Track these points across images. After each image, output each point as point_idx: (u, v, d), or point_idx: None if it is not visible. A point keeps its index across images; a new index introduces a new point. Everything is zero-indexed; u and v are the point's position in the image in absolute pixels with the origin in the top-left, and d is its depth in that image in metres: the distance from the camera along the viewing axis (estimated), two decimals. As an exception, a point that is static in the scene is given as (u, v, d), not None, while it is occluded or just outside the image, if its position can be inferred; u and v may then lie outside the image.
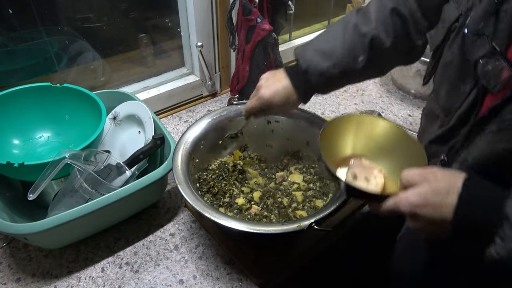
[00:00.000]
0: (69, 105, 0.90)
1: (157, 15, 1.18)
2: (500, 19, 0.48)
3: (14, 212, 0.76)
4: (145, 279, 0.74)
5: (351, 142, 0.70)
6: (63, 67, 1.05)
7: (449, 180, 0.47)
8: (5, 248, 0.79)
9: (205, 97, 1.29)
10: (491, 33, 0.49)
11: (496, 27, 0.48)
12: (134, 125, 0.94)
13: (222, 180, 0.85)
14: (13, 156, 0.86)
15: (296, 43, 1.48)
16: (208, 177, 0.85)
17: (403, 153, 0.65)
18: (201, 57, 1.17)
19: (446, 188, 0.46)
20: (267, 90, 0.72)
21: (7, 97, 0.85)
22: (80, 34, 1.04)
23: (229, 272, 0.76)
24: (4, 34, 0.93)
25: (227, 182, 0.84)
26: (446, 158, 0.58)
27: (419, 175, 0.49)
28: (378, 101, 1.31)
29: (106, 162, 0.78)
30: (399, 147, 0.66)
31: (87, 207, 0.68)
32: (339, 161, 0.69)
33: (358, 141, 0.70)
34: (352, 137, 0.70)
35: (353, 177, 0.65)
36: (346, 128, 0.69)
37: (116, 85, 1.16)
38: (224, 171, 0.86)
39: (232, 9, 1.08)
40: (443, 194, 0.46)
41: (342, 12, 1.62)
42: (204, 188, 0.82)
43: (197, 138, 0.83)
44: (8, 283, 0.73)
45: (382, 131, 0.68)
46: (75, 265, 0.77)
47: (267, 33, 1.05)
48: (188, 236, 0.83)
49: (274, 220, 0.77)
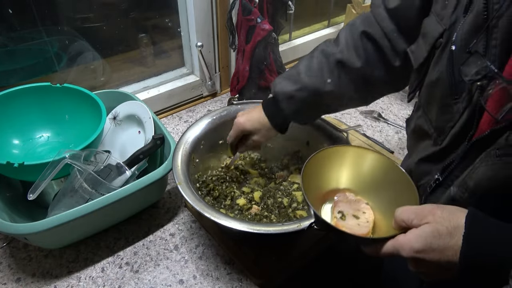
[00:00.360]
0: (69, 105, 0.90)
1: (157, 15, 1.18)
2: (491, 36, 0.45)
3: (14, 212, 0.76)
4: (145, 279, 0.74)
5: (335, 175, 0.66)
6: (63, 67, 1.05)
7: (450, 218, 0.45)
8: (5, 248, 0.79)
9: (205, 97, 1.29)
10: (482, 50, 0.46)
11: (487, 44, 0.46)
12: (134, 125, 0.94)
13: (223, 182, 0.85)
14: (13, 156, 0.86)
15: (296, 43, 1.48)
16: (208, 179, 0.85)
17: (392, 187, 0.61)
18: (201, 57, 1.17)
19: (449, 228, 0.44)
20: (241, 118, 0.77)
21: (7, 97, 0.85)
22: (80, 34, 1.04)
23: (229, 272, 0.76)
24: (4, 34, 0.93)
25: (228, 185, 0.84)
26: (440, 177, 0.56)
27: (416, 214, 0.47)
28: (378, 101, 1.31)
29: (106, 162, 0.78)
30: (387, 179, 0.62)
31: (87, 207, 0.68)
32: (323, 195, 0.65)
33: (343, 174, 0.66)
34: (337, 170, 0.66)
35: (341, 216, 0.61)
36: (330, 161, 0.65)
37: (116, 85, 1.16)
38: (224, 176, 0.86)
39: (232, 9, 1.08)
40: (446, 236, 0.44)
41: (342, 12, 1.62)
42: (204, 191, 0.82)
43: (197, 138, 0.83)
44: (8, 283, 0.73)
45: (369, 163, 0.65)
46: (75, 265, 0.77)
47: (267, 33, 1.05)
48: (188, 236, 0.83)
49: (275, 220, 0.77)
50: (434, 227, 0.44)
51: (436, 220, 0.45)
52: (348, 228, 0.58)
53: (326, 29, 1.61)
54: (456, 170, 0.53)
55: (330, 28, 1.61)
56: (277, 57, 1.15)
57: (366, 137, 1.11)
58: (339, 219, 0.61)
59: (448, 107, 0.53)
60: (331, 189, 0.66)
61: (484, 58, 0.45)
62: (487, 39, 0.46)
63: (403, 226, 0.48)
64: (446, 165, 0.55)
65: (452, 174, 0.54)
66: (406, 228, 0.48)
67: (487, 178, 0.46)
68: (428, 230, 0.45)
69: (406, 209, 0.49)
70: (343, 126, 1.15)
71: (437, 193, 0.57)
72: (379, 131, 1.17)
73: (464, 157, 0.52)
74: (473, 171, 0.48)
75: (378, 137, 1.15)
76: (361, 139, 1.10)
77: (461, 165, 0.52)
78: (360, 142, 1.08)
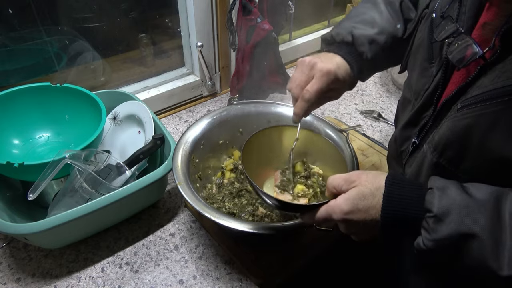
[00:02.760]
0: (69, 105, 0.90)
1: (157, 15, 1.18)
2: (463, 3, 0.52)
3: (14, 212, 0.76)
4: (145, 279, 0.74)
5: (274, 154, 0.71)
6: (63, 67, 1.05)
7: (373, 181, 0.49)
8: (5, 248, 0.79)
9: (205, 97, 1.29)
10: (455, 15, 0.53)
11: (459, 10, 0.52)
12: (134, 125, 0.94)
13: (233, 198, 0.83)
14: (13, 156, 0.86)
15: (296, 43, 1.48)
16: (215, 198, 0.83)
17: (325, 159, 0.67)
18: (201, 57, 1.17)
19: (372, 190, 0.49)
20: (327, 64, 0.62)
21: (7, 97, 0.85)
22: (80, 34, 1.04)
23: (229, 272, 0.76)
24: (4, 34, 0.93)
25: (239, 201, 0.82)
26: (417, 140, 0.60)
27: (345, 180, 0.52)
28: (378, 101, 1.31)
29: (106, 162, 0.78)
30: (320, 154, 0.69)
31: (87, 207, 0.68)
32: (265, 173, 0.71)
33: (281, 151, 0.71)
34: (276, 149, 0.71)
35: (280, 190, 0.66)
36: (270, 140, 0.70)
37: (116, 85, 1.16)
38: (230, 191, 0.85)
39: (232, 9, 1.08)
40: (369, 196, 0.49)
41: (342, 12, 1.62)
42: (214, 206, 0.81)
43: (197, 138, 0.83)
44: (8, 283, 0.73)
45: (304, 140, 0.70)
46: (75, 265, 0.77)
47: (267, 33, 1.05)
48: (188, 236, 0.83)
49: (275, 219, 0.77)
50: (360, 189, 0.49)
51: (362, 183, 0.50)
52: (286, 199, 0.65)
53: (326, 29, 1.61)
54: (430, 132, 0.57)
55: (330, 28, 1.61)
56: (277, 57, 1.15)
57: (366, 137, 1.11)
58: (278, 193, 0.66)
59: (425, 71, 0.59)
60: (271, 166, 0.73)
61: (455, 22, 0.51)
62: (460, 5, 0.53)
63: (334, 192, 0.53)
64: (421, 127, 0.59)
65: (426, 136, 0.58)
66: (337, 194, 0.52)
67: (447, 130, 0.50)
68: (354, 193, 0.50)
69: (337, 177, 0.53)
70: (343, 126, 1.15)
71: (414, 154, 0.61)
72: (379, 131, 1.17)
73: (435, 117, 0.56)
74: (440, 127, 0.52)
75: (378, 137, 1.15)
76: (361, 139, 1.10)
77: (433, 126, 0.56)
78: (360, 142, 1.08)
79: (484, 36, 0.49)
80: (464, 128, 0.48)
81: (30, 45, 0.98)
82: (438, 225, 0.44)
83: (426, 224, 0.45)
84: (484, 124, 0.45)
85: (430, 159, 0.53)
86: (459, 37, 0.50)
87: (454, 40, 0.50)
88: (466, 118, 0.47)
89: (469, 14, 0.51)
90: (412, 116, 0.62)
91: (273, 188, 0.70)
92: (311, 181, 0.74)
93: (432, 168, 0.54)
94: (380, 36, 0.68)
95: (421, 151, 0.57)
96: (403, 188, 0.48)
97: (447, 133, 0.50)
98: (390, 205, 0.47)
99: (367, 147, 1.06)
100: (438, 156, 0.52)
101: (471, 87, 0.48)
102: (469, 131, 0.47)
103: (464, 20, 0.52)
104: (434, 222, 0.44)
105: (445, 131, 0.51)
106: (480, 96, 0.46)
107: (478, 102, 0.46)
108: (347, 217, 0.49)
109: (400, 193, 0.48)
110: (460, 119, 0.48)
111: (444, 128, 0.51)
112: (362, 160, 1.02)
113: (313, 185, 0.74)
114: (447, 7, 0.54)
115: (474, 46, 0.47)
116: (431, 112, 0.57)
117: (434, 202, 0.45)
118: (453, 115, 0.50)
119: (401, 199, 0.47)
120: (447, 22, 0.52)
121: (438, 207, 0.44)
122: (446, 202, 0.44)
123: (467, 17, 0.51)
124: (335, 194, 0.53)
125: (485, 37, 0.49)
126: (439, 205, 0.44)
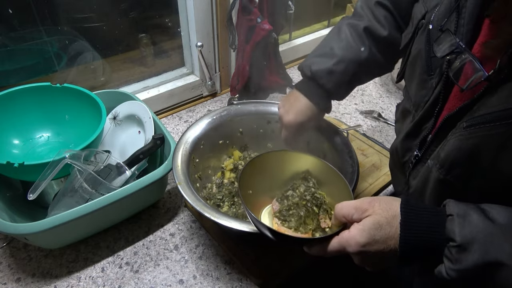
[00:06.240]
0: (69, 105, 0.90)
1: (157, 15, 1.18)
2: (461, 16, 0.50)
3: (14, 212, 0.76)
4: (145, 279, 0.74)
5: (273, 180, 0.67)
6: (63, 67, 1.05)
7: (387, 209, 0.47)
8: (5, 248, 0.79)
9: (205, 97, 1.29)
10: (453, 28, 0.51)
11: (458, 22, 0.50)
12: (134, 125, 0.94)
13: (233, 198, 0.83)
14: (13, 156, 0.86)
15: (296, 43, 1.48)
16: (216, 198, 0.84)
17: (329, 187, 0.63)
18: (201, 57, 1.17)
19: (388, 219, 0.46)
20: (288, 115, 0.76)
21: (7, 97, 0.85)
22: (80, 34, 1.04)
23: (229, 272, 0.76)
24: (4, 34, 0.93)
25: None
26: (419, 153, 0.59)
27: (356, 208, 0.48)
28: (378, 101, 1.31)
29: (106, 162, 0.78)
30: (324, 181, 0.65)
31: (87, 207, 0.68)
32: (262, 201, 0.67)
33: (279, 178, 0.67)
34: (274, 175, 0.67)
35: (281, 221, 0.61)
36: (268, 166, 0.66)
37: (116, 85, 1.16)
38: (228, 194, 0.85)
39: (232, 9, 1.08)
40: (386, 226, 0.46)
41: (342, 12, 1.62)
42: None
43: (197, 138, 0.83)
44: (8, 283, 0.73)
45: (305, 167, 0.67)
46: (75, 265, 0.77)
47: (267, 33, 1.05)
48: (188, 236, 0.83)
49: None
50: (375, 219, 0.46)
51: (376, 212, 0.47)
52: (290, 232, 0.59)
53: (326, 29, 1.61)
54: (432, 145, 0.56)
55: (330, 28, 1.61)
56: (277, 57, 1.15)
57: (366, 137, 1.11)
58: (280, 224, 0.61)
59: (424, 82, 0.57)
60: (269, 194, 0.67)
61: (454, 35, 0.49)
62: (458, 18, 0.50)
63: (344, 221, 0.50)
64: (422, 140, 0.59)
65: (429, 149, 0.57)
66: (346, 224, 0.50)
67: (454, 148, 0.48)
68: (369, 223, 0.46)
69: (346, 204, 0.50)
70: (343, 126, 1.15)
71: (418, 167, 0.60)
72: (379, 131, 1.17)
73: (438, 133, 0.55)
74: (445, 144, 0.51)
75: (378, 137, 1.15)
76: (361, 139, 1.10)
77: (436, 140, 0.55)
78: (360, 142, 1.08)
79: (486, 54, 0.47)
80: (472, 147, 0.46)
81: (30, 45, 0.98)
82: (462, 254, 0.42)
83: (449, 253, 0.43)
84: (494, 144, 0.44)
85: (437, 175, 0.52)
86: (460, 54, 0.48)
87: (456, 58, 0.49)
88: (474, 137, 0.46)
89: (468, 27, 0.49)
90: (412, 128, 0.61)
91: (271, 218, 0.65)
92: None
93: (439, 183, 0.52)
94: (338, 65, 0.71)
95: (426, 165, 0.56)
96: (420, 215, 0.46)
97: (454, 151, 0.48)
98: (408, 235, 0.45)
99: (367, 147, 1.07)
100: (445, 173, 0.51)
101: (476, 104, 0.47)
102: (478, 151, 0.46)
103: (463, 33, 0.50)
104: (457, 252, 0.42)
105: (451, 149, 0.49)
106: (489, 116, 0.44)
107: (487, 121, 0.44)
108: (364, 249, 0.46)
109: (418, 221, 0.45)
110: (468, 137, 0.46)
111: (450, 146, 0.49)
112: (362, 160, 1.02)
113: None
114: (445, 20, 0.52)
115: (476, 65, 0.45)
116: (431, 125, 0.56)
117: (456, 231, 0.42)
118: (459, 132, 0.48)
119: (420, 227, 0.45)
120: (446, 37, 0.50)
121: (461, 236, 0.42)
122: (469, 230, 0.42)
123: (466, 30, 0.50)
124: (344, 224, 0.50)
125: (487, 55, 0.47)
126: (462, 234, 0.42)
